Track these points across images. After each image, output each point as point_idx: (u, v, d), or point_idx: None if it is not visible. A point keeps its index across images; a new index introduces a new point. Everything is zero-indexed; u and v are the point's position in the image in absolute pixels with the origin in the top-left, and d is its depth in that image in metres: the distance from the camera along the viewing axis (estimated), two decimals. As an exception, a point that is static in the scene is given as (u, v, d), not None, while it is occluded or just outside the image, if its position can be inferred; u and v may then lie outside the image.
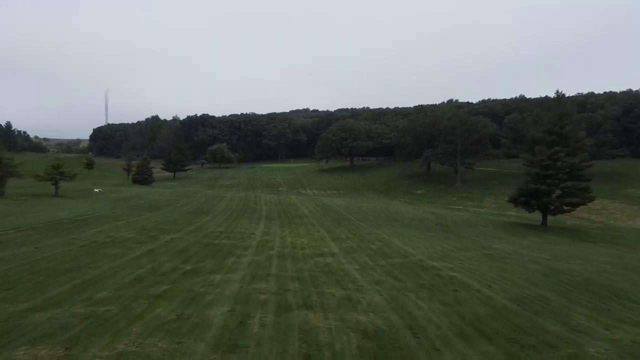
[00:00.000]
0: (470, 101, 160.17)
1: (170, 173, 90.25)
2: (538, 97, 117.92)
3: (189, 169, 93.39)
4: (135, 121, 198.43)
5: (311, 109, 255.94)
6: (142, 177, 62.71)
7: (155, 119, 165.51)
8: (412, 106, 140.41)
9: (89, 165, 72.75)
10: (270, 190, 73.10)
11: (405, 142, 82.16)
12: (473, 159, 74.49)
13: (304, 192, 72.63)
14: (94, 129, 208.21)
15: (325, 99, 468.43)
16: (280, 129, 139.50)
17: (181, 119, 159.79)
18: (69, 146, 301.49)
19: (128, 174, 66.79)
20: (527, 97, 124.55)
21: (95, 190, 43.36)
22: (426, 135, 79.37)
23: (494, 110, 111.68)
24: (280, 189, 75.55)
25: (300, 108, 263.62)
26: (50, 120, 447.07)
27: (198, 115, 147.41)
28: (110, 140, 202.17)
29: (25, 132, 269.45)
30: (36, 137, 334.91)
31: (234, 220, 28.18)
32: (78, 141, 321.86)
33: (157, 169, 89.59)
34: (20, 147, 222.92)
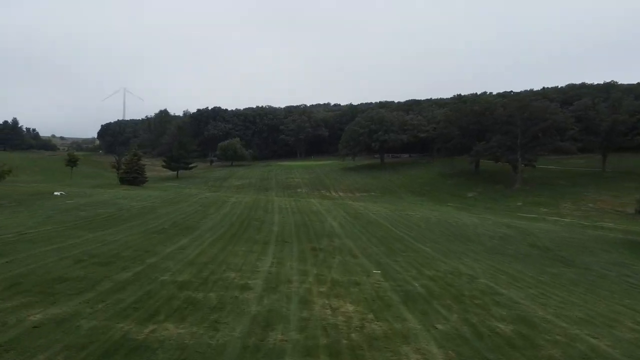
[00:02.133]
0: (511, 90, 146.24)
1: (173, 172, 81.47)
2: (603, 82, 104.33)
3: (193, 167, 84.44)
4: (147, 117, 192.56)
5: (332, 104, 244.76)
6: (131, 177, 53.64)
7: (164, 113, 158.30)
8: (448, 97, 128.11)
9: (72, 162, 64.41)
10: (286, 193, 63.11)
11: (450, 134, 70.62)
12: (535, 154, 62.45)
13: (327, 194, 62.32)
14: (101, 126, 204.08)
15: (347, 93, 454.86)
16: (299, 123, 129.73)
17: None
18: (79, 144, 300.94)
19: (117, 173, 58.17)
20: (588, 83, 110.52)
21: (56, 193, 34.26)
22: (475, 125, 67.75)
23: (549, 98, 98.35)
24: (298, 190, 65.50)
25: (321, 102, 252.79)
26: (69, 119, 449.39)
27: (209, 108, 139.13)
28: (118, 137, 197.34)
29: (34, 130, 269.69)
30: (53, 135, 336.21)
31: (225, 246, 18.05)
32: (94, 139, 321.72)
33: (159, 167, 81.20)
34: (27, 145, 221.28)
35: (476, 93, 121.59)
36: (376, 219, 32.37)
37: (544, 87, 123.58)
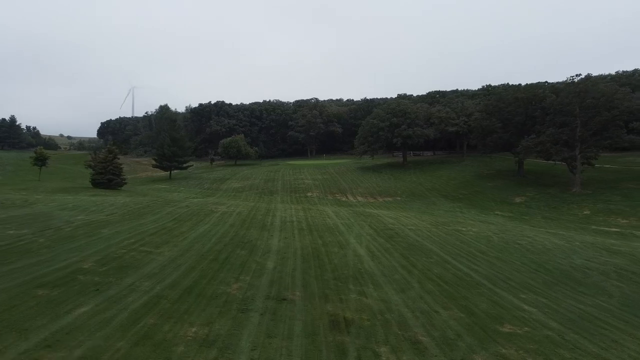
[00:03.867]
0: (545, 80, 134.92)
1: (165, 172, 73.33)
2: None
3: (189, 166, 76.19)
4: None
5: (345, 99, 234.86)
6: (106, 179, 45.31)
7: (164, 109, 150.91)
8: (476, 88, 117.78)
9: (40, 161, 56.51)
10: (294, 197, 54.40)
11: (489, 128, 60.95)
12: (597, 150, 52.62)
13: (343, 199, 53.42)
14: (101, 123, 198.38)
15: (359, 90, 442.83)
16: (309, 118, 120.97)
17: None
18: (82, 143, 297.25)
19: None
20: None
21: (-18, 202, 26.12)
22: (521, 116, 58.17)
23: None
24: (309, 194, 56.69)
25: (333, 98, 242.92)
26: (77, 119, 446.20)
27: (212, 102, 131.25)
28: (119, 134, 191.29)
29: (34, 128, 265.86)
30: (61, 135, 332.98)
31: (155, 327, 9.31)
32: (99, 139, 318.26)
33: (149, 166, 73.22)
34: (25, 143, 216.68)
35: (507, 83, 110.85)
36: (418, 240, 23.43)
37: (588, 74, 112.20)
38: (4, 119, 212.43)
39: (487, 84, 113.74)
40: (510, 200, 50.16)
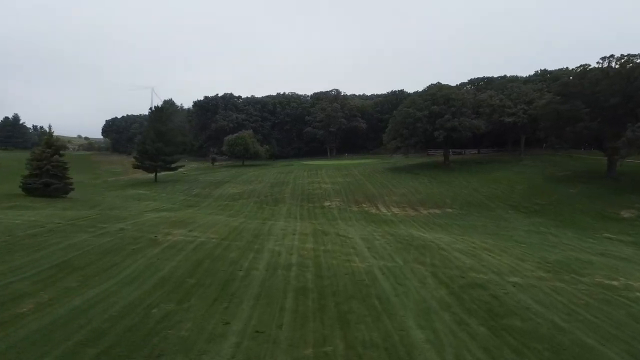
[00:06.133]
0: (612, 54, 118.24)
1: (151, 174, 61.86)
2: None
3: (179, 167, 64.55)
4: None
5: (369, 94, 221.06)
6: (41, 183, 33.76)
7: (168, 103, 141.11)
8: (527, 75, 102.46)
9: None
10: (306, 209, 41.86)
11: (571, 114, 46.76)
12: None
13: (373, 211, 40.49)
14: (106, 121, 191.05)
15: (387, 82, 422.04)
16: (329, 112, 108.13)
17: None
18: (91, 143, 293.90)
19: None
20: None
21: None
22: (617, 98, 44.09)
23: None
24: (326, 204, 44.03)
25: (356, 93, 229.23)
26: (95, 119, 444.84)
27: (219, 95, 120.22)
28: (124, 133, 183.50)
29: (41, 127, 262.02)
30: (79, 136, 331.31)
31: None
32: (104, 138, 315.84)
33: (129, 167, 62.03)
34: (31, 143, 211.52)
35: (567, 67, 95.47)
36: (558, 325, 10.74)
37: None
38: (6, 117, 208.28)
39: (542, 68, 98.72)
40: (614, 214, 36.28)
